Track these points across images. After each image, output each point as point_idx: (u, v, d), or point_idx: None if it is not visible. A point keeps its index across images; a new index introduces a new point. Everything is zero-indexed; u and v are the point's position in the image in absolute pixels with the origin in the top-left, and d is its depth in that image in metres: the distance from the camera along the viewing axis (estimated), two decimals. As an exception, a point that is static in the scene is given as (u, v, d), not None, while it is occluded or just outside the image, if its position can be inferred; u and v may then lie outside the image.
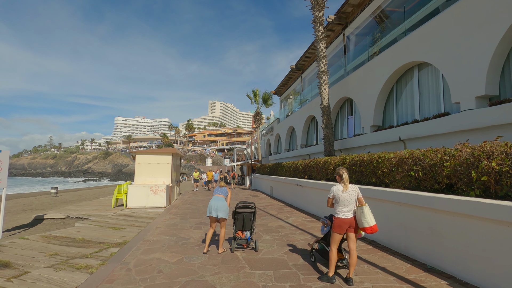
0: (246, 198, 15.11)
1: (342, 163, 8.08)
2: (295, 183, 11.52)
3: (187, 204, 12.74)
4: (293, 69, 18.20)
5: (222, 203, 5.34)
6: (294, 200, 11.84)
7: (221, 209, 5.28)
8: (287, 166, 13.83)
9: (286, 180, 12.96)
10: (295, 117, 18.58)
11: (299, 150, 17.19)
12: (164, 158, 12.49)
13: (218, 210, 5.25)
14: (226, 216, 5.34)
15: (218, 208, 5.26)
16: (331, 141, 11.13)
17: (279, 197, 14.47)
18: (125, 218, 8.90)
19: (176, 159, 14.25)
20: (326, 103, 11.27)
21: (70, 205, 12.46)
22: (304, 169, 11.34)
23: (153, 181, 12.27)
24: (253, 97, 24.08)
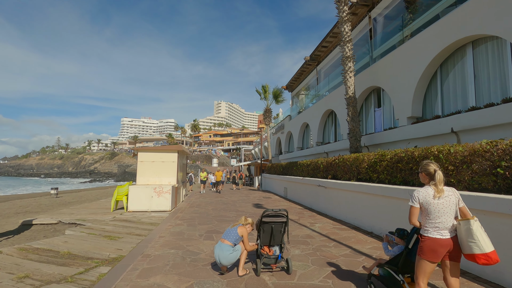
0: (259, 200, 13.82)
1: (380, 159, 6.73)
2: (315, 184, 10.19)
3: (194, 207, 11.50)
4: (307, 61, 16.87)
5: (227, 254, 3.89)
6: (314, 203, 10.50)
7: (226, 260, 3.92)
8: (304, 165, 12.49)
9: (304, 181, 11.63)
10: (310, 113, 17.22)
11: (314, 148, 15.84)
12: (169, 155, 11.28)
13: (221, 260, 3.92)
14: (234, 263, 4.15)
15: (220, 258, 3.92)
16: (358, 136, 9.77)
17: (295, 199, 13.14)
18: (124, 225, 7.68)
19: (182, 157, 13.03)
20: (351, 92, 9.91)
21: (66, 208, 11.34)
22: (326, 168, 10.00)
23: (157, 182, 11.07)
24: (263, 93, 22.79)
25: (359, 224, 7.18)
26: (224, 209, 10.67)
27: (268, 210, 4.07)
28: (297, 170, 13.65)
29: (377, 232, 6.41)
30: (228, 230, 4.19)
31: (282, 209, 4.10)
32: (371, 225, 6.68)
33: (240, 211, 10.22)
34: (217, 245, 4.02)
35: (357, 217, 7.36)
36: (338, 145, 12.99)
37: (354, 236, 6.32)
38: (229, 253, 3.91)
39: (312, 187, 10.79)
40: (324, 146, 14.43)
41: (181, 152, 12.29)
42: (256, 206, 11.47)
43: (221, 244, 4.00)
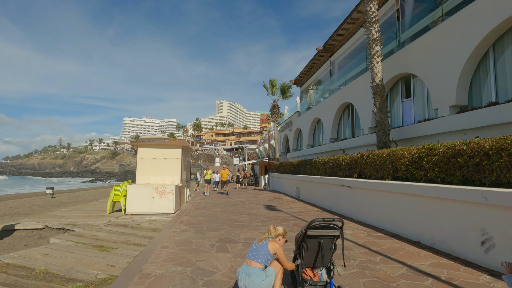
0: (269, 201, 12.67)
1: (428, 153, 5.56)
2: (337, 184, 9.03)
3: (200, 209, 10.37)
4: (320, 51, 15.69)
5: (257, 282, 2.76)
6: (334, 205, 9.35)
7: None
8: (320, 163, 11.33)
9: (321, 180, 10.47)
10: (322, 107, 16.05)
11: (328, 145, 14.68)
12: (172, 152, 10.15)
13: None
14: None
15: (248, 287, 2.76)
16: (387, 129, 8.60)
17: (310, 200, 11.98)
18: (120, 230, 6.56)
19: (186, 154, 11.90)
20: (379, 80, 8.74)
21: (58, 210, 10.23)
22: (349, 165, 8.84)
23: (158, 181, 9.95)
24: (270, 87, 21.61)
25: (400, 232, 6.01)
26: (234, 212, 9.52)
27: (317, 219, 2.89)
28: (311, 168, 12.48)
29: (426, 242, 5.24)
30: (255, 247, 3.02)
31: (336, 219, 2.93)
32: (417, 233, 5.51)
33: (252, 214, 9.07)
34: (242, 270, 2.87)
35: (395, 223, 6.20)
36: (357, 141, 11.82)
37: (400, 247, 5.15)
38: (260, 280, 2.76)
39: (331, 187, 9.63)
40: (340, 143, 13.26)
41: (186, 148, 11.16)
42: (269, 208, 10.32)
43: (247, 268, 2.85)
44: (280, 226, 3.27)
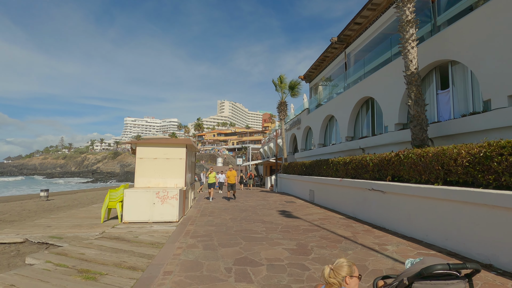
0: (282, 205, 11.50)
1: (500, 152, 4.39)
2: (365, 188, 7.86)
3: (207, 215, 9.22)
4: (334, 43, 14.50)
5: None
6: (360, 212, 8.19)
7: None
8: (339, 164, 10.16)
9: (343, 183, 9.30)
10: (337, 103, 14.87)
11: (344, 144, 13.49)
12: (176, 151, 9.01)
13: None
14: None
15: None
16: (424, 124, 7.41)
17: (327, 204, 10.81)
18: (113, 246, 5.42)
19: (191, 153, 10.75)
20: (414, 67, 7.56)
21: (47, 217, 9.11)
22: (379, 166, 7.67)
23: (160, 184, 8.81)
24: (279, 84, 20.44)
25: (459, 249, 4.84)
26: (245, 219, 8.36)
27: (437, 265, 1.69)
28: (328, 169, 11.32)
29: (503, 266, 4.07)
30: None
31: (466, 264, 1.73)
32: (487, 254, 4.34)
33: (267, 222, 7.91)
34: None
35: (451, 238, 5.02)
36: (380, 139, 10.63)
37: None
38: None
39: (356, 191, 8.46)
40: (359, 141, 12.08)
41: (190, 147, 10.01)
42: (283, 214, 9.16)
43: None
44: (343, 262, 2.06)
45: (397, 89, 9.73)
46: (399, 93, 9.65)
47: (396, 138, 9.67)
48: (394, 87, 9.88)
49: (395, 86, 9.79)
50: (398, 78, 9.62)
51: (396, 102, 9.79)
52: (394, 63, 9.99)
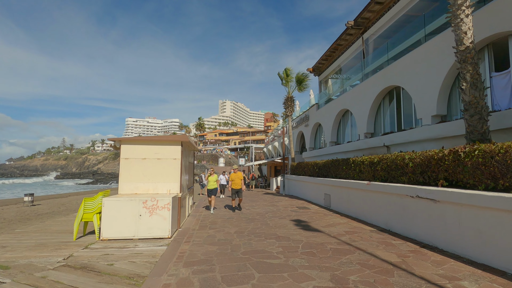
0: (294, 212, 9.88)
1: None
2: (404, 194, 6.25)
3: (207, 227, 7.63)
4: (350, 28, 12.85)
5: None
6: (398, 224, 6.57)
7: None
8: (364, 164, 8.56)
9: (372, 187, 7.68)
10: (353, 96, 13.23)
11: (363, 141, 11.85)
12: (169, 150, 7.43)
13: None
14: None
15: None
16: (484, 113, 5.78)
17: (348, 212, 9.20)
18: (73, 283, 3.83)
19: (188, 153, 9.14)
20: (469, 42, 5.93)
21: (12, 231, 7.51)
22: (422, 167, 6.07)
23: (150, 190, 7.24)
24: (285, 77, 18.82)
25: None
26: (254, 233, 6.76)
27: None
28: (348, 170, 9.71)
29: None
30: None
31: None
32: None
33: (282, 238, 6.31)
34: None
35: None
36: (411, 134, 8.97)
37: None
38: None
39: (391, 197, 6.85)
40: (383, 138, 10.45)
41: (187, 145, 8.43)
42: (300, 225, 7.55)
43: None
44: None
45: (434, 74, 8.10)
46: (437, 79, 8.02)
47: (434, 132, 8.03)
48: (430, 72, 8.25)
49: (432, 71, 8.16)
50: (436, 60, 8.00)
51: (433, 89, 8.16)
52: (430, 44, 8.36)
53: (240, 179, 10.42)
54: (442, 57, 7.88)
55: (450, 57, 7.45)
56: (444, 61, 7.81)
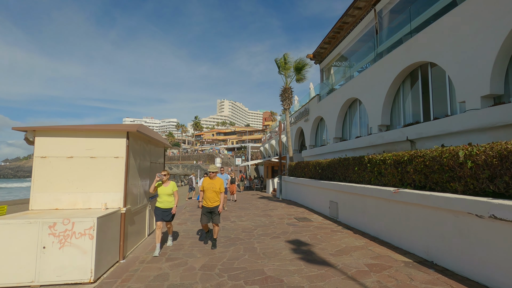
0: (292, 227, 7.56)
1: None
2: (464, 211, 3.96)
3: (164, 257, 5.33)
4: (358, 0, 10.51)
5: None
6: (448, 255, 4.31)
7: None
8: (387, 163, 6.28)
9: (401, 197, 5.39)
10: (363, 81, 10.92)
11: (377, 136, 9.54)
12: (108, 144, 5.11)
13: None
14: None
15: None
16: None
17: (365, 228, 6.90)
18: None
19: (144, 148, 6.73)
20: None
21: None
22: (493, 168, 3.78)
23: (79, 202, 4.91)
24: (283, 64, 16.49)
25: None
26: (230, 271, 4.44)
27: None
28: (362, 172, 7.43)
29: None
30: None
31: None
32: None
33: (272, 280, 3.99)
34: None
35: None
36: (449, 123, 6.63)
37: None
38: None
39: (436, 214, 4.57)
40: (405, 130, 8.14)
41: (137, 138, 6.08)
42: (300, 253, 5.23)
43: None
44: None
45: (488, 38, 5.80)
46: (491, 45, 5.72)
47: (486, 119, 5.72)
48: (482, 36, 5.95)
49: (484, 34, 5.87)
50: (491, 19, 5.71)
51: (486, 61, 5.86)
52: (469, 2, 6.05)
53: (216, 190, 5.83)
54: (499, 14, 5.59)
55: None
56: (503, 19, 5.51)
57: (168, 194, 5.62)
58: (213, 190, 5.77)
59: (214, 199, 5.79)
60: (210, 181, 5.88)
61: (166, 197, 5.60)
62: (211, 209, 5.78)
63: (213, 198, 5.78)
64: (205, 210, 5.82)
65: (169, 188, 5.64)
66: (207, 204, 5.81)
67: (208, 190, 5.79)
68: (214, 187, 5.78)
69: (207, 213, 5.79)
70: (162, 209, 5.59)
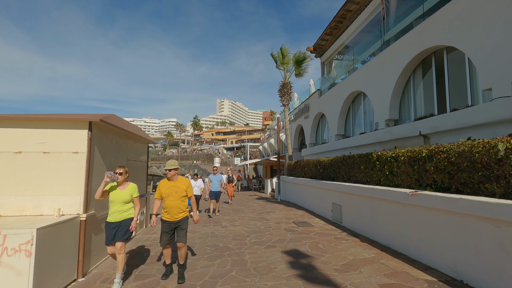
0: (292, 233, 6.67)
1: None
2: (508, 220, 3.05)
3: (132, 275, 4.42)
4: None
5: None
6: (480, 273, 3.41)
7: None
8: (401, 161, 5.43)
9: (418, 200, 4.50)
10: (369, 72, 10.02)
11: (385, 131, 8.63)
12: (64, 137, 4.21)
13: None
14: None
15: None
16: None
17: (373, 235, 6.01)
18: None
19: (117, 142, 5.82)
20: None
21: None
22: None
23: (28, 208, 4.02)
24: (280, 58, 15.59)
25: None
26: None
27: None
28: (369, 171, 6.55)
29: None
30: None
31: None
32: None
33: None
34: None
35: None
36: (471, 115, 5.72)
37: None
38: None
39: (465, 221, 3.70)
40: (417, 124, 7.23)
41: (107, 130, 5.17)
42: (299, 269, 4.33)
43: None
44: None
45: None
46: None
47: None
48: None
49: None
50: None
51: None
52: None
53: (181, 194, 4.13)
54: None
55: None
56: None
57: (124, 202, 3.92)
58: (177, 195, 4.07)
59: (180, 209, 4.09)
60: (170, 183, 4.13)
61: (119, 205, 3.88)
62: (176, 223, 4.07)
63: (177, 207, 4.06)
64: (167, 227, 4.06)
65: (125, 193, 3.95)
66: (169, 217, 4.06)
67: (169, 196, 4.05)
68: (177, 191, 4.08)
69: (169, 230, 4.07)
70: (113, 224, 3.83)
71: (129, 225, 3.90)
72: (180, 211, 4.11)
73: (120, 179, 4.00)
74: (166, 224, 4.08)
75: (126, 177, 4.06)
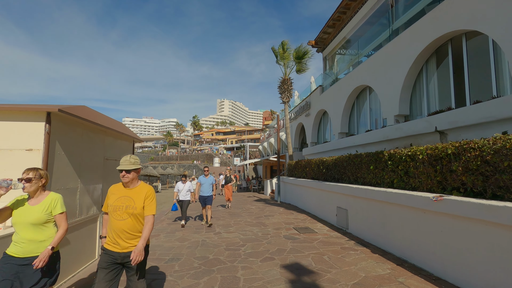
0: (292, 242, 5.91)
1: None
2: None
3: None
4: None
5: None
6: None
7: None
8: (418, 160, 4.66)
9: (444, 207, 3.74)
10: (376, 64, 9.26)
11: (394, 128, 7.87)
12: (16, 130, 3.46)
13: None
14: None
15: None
16: None
17: (384, 244, 5.26)
18: None
19: (91, 138, 5.05)
20: None
21: None
22: None
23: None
24: (281, 52, 14.84)
25: None
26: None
27: None
28: (380, 171, 5.81)
29: None
30: None
31: None
32: None
33: None
34: None
35: None
36: (501, 106, 4.98)
37: None
38: None
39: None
40: (432, 119, 6.47)
41: (75, 123, 4.43)
42: (300, 286, 3.59)
43: None
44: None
45: None
46: None
47: None
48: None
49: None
50: None
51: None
52: None
53: (133, 212, 2.55)
54: None
55: None
56: None
57: (35, 223, 2.41)
58: (126, 212, 2.54)
59: (130, 234, 2.54)
60: (122, 191, 2.66)
61: (28, 231, 2.40)
62: (122, 256, 2.51)
63: (126, 230, 2.53)
64: (106, 260, 2.50)
65: (37, 211, 2.44)
66: (111, 245, 2.54)
67: (115, 212, 2.55)
68: (129, 206, 2.56)
69: (109, 265, 2.48)
70: (16, 260, 2.34)
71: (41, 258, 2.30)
72: (131, 237, 2.52)
73: (30, 189, 2.45)
74: (106, 255, 2.50)
75: (40, 184, 2.51)
